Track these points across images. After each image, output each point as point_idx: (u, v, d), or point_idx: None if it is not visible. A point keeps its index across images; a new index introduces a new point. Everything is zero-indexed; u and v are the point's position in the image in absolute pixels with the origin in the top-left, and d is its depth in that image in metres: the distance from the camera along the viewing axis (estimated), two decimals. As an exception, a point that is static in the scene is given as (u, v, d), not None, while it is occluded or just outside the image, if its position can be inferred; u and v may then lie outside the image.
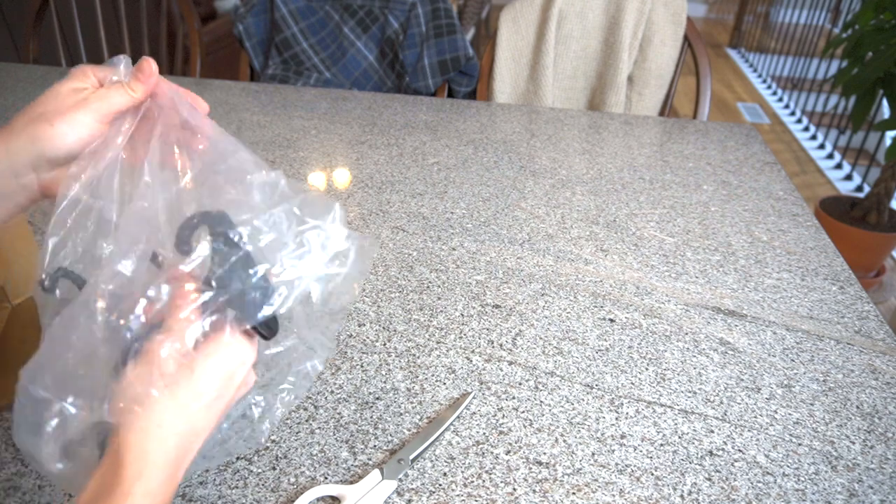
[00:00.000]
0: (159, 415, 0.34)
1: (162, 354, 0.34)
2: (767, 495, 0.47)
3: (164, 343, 0.35)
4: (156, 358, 0.34)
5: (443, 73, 1.53)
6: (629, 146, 1.05)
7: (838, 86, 1.93)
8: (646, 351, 0.61)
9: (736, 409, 0.55)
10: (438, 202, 0.86)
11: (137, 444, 0.33)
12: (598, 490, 0.48)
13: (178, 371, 0.35)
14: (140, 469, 0.33)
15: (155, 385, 0.34)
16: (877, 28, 1.80)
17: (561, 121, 1.15)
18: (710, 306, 0.67)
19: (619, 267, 0.73)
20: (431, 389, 0.56)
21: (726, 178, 0.95)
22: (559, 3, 1.35)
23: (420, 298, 0.67)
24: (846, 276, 0.73)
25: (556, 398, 0.55)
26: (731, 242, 0.79)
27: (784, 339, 0.63)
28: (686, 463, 0.50)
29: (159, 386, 0.34)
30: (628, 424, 0.53)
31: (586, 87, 1.45)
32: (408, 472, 0.48)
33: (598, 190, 0.91)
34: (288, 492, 0.47)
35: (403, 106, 1.19)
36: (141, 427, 0.34)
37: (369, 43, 1.57)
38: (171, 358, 0.35)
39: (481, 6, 3.11)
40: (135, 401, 0.34)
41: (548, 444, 0.51)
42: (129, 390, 0.34)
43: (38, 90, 1.21)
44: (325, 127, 1.08)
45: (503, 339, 0.62)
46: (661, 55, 1.37)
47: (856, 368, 0.59)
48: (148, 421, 0.34)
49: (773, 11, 4.37)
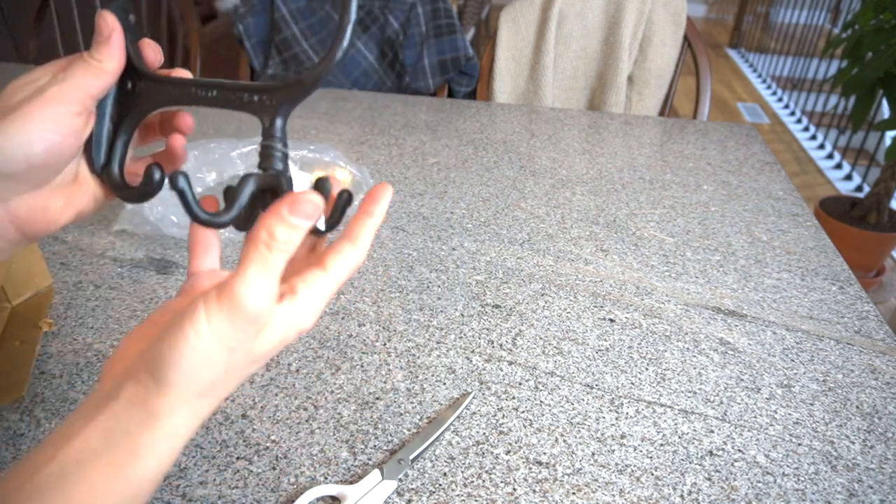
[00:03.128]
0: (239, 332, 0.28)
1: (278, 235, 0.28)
2: (767, 495, 0.47)
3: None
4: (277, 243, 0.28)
5: (443, 73, 1.53)
6: (629, 146, 1.05)
7: (838, 86, 1.93)
8: (646, 351, 0.61)
9: (736, 409, 0.55)
10: (438, 202, 0.86)
11: (187, 363, 0.27)
12: (598, 490, 0.48)
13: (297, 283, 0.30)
14: (181, 396, 0.28)
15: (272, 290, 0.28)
16: (877, 28, 1.80)
17: (561, 121, 1.15)
18: (710, 306, 0.67)
19: (619, 267, 0.73)
20: (431, 389, 0.56)
21: (726, 178, 0.95)
22: (559, 3, 1.35)
23: (420, 298, 0.67)
24: (846, 276, 0.73)
25: (556, 398, 0.55)
26: (731, 242, 0.79)
27: (784, 339, 0.63)
28: (686, 463, 0.50)
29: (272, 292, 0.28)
30: (628, 424, 0.53)
31: (586, 87, 1.45)
32: (408, 472, 0.48)
33: (598, 190, 0.91)
34: (288, 492, 0.47)
35: (403, 106, 1.19)
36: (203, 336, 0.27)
37: (369, 43, 1.57)
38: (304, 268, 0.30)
39: (481, 6, 3.11)
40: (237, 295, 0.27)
41: (548, 444, 0.51)
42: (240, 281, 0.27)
43: (38, 90, 1.22)
44: (325, 127, 1.08)
45: (503, 339, 0.62)
46: (661, 55, 1.37)
47: (856, 368, 0.59)
48: (220, 335, 0.28)
49: (773, 11, 4.37)
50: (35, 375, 0.56)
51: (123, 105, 0.36)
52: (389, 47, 1.56)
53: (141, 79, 0.36)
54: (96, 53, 0.32)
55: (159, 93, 0.35)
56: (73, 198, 0.35)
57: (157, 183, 0.34)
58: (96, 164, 0.36)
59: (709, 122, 1.16)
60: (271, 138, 0.33)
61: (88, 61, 0.32)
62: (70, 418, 0.28)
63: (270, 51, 1.57)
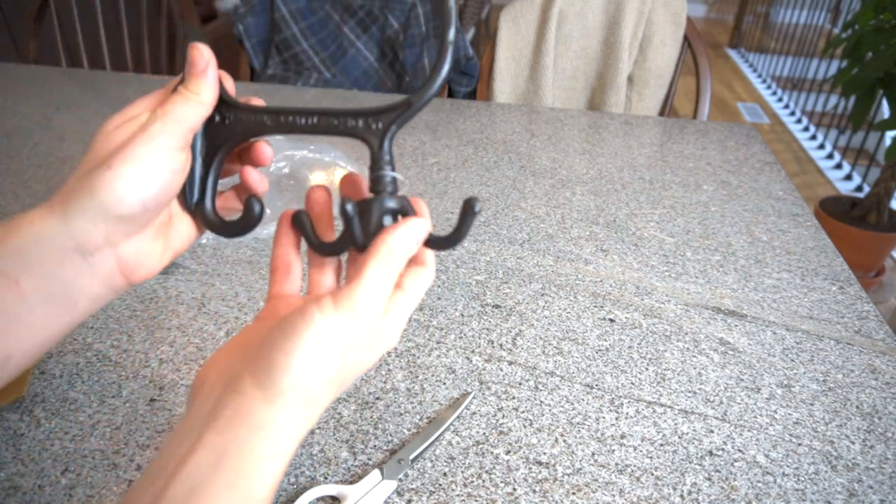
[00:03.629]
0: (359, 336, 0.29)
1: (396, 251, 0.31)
2: (767, 495, 0.47)
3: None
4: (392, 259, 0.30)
5: (443, 73, 1.53)
6: (629, 146, 1.05)
7: (838, 86, 1.93)
8: (646, 351, 0.61)
9: (736, 409, 0.55)
10: (438, 202, 0.86)
11: (300, 367, 0.27)
12: (598, 490, 0.48)
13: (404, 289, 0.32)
14: (291, 403, 0.27)
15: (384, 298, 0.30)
16: (877, 28, 1.80)
17: (561, 121, 1.15)
18: (710, 306, 0.67)
19: (619, 267, 0.73)
20: (431, 389, 0.56)
21: (726, 178, 0.95)
22: (559, 3, 1.35)
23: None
24: (846, 276, 0.73)
25: (556, 398, 0.55)
26: (731, 242, 0.79)
27: (784, 339, 0.63)
28: (686, 463, 0.50)
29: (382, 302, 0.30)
30: (628, 424, 0.53)
31: (586, 87, 1.45)
32: (408, 472, 0.48)
33: (598, 190, 0.91)
34: (288, 492, 0.47)
35: (403, 106, 1.19)
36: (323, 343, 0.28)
37: (369, 43, 1.57)
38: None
39: (481, 6, 3.11)
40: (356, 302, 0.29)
41: (548, 444, 0.51)
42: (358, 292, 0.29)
43: (38, 90, 1.22)
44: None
45: (503, 339, 0.62)
46: (661, 55, 1.37)
47: (856, 368, 0.59)
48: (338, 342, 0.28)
49: (773, 11, 4.37)
50: (35, 375, 0.56)
51: (211, 138, 0.34)
52: (389, 47, 1.56)
53: (230, 110, 0.34)
54: (193, 86, 0.32)
55: (252, 123, 0.34)
56: (169, 238, 0.34)
57: (257, 216, 0.34)
58: (189, 201, 0.35)
59: (709, 122, 1.16)
60: (382, 162, 0.33)
61: (186, 95, 0.32)
62: (171, 444, 0.28)
63: (270, 51, 1.57)
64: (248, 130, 0.34)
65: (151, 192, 0.30)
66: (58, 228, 0.29)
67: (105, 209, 0.29)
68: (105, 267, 0.31)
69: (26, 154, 0.97)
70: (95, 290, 0.31)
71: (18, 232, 0.29)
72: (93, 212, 0.29)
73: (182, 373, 0.57)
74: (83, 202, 0.29)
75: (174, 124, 0.31)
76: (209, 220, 0.35)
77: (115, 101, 1.16)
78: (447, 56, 0.31)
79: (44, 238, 0.29)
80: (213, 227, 0.35)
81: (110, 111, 0.31)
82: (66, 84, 1.25)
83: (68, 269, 0.30)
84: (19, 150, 0.98)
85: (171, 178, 0.31)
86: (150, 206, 0.30)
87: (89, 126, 1.06)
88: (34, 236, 0.29)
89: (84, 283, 0.30)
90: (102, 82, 1.26)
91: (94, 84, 1.25)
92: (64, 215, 0.29)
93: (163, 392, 0.54)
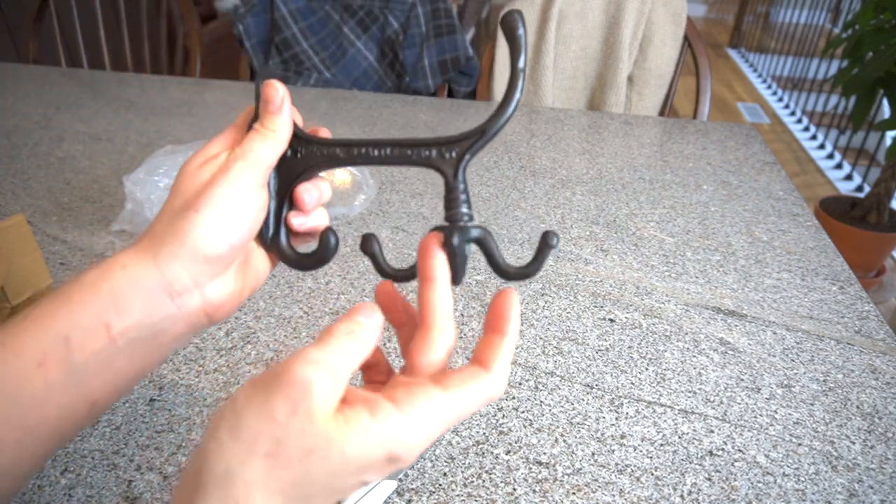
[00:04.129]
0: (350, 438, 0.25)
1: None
2: (767, 495, 0.47)
3: None
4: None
5: (443, 73, 1.53)
6: (629, 146, 1.05)
7: (838, 86, 1.93)
8: (646, 351, 0.61)
9: (736, 409, 0.55)
10: (438, 202, 0.86)
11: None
12: (598, 490, 0.48)
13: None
14: None
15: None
16: (877, 28, 1.80)
17: (561, 121, 1.15)
18: (710, 306, 0.67)
19: (619, 267, 0.73)
20: (431, 389, 0.56)
21: (726, 178, 0.95)
22: (559, 3, 1.35)
23: (420, 298, 0.67)
24: (846, 276, 0.73)
25: (556, 398, 0.55)
26: (731, 242, 0.79)
27: (784, 339, 0.63)
28: (686, 463, 0.50)
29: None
30: (628, 424, 0.53)
31: (586, 87, 1.45)
32: (408, 472, 0.48)
33: (598, 190, 0.91)
34: (288, 492, 0.47)
35: (403, 106, 1.19)
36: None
37: (369, 43, 1.57)
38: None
39: (481, 6, 3.11)
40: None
41: (548, 444, 0.51)
42: None
43: (38, 90, 1.22)
44: (326, 127, 1.08)
45: (503, 339, 0.62)
46: (661, 55, 1.37)
47: (856, 368, 0.59)
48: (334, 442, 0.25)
49: (773, 11, 4.37)
50: (35, 375, 0.56)
51: (284, 172, 0.34)
52: (389, 47, 1.56)
53: (301, 143, 0.34)
54: (269, 123, 0.32)
55: (324, 156, 0.34)
56: (247, 275, 0.34)
57: (333, 248, 0.34)
58: (265, 236, 0.34)
59: (709, 122, 1.16)
60: (457, 191, 0.33)
61: (263, 133, 0.32)
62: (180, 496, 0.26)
63: (270, 51, 1.57)
64: (321, 163, 0.34)
65: (238, 231, 0.31)
66: (149, 272, 0.29)
67: (194, 252, 0.30)
68: (191, 307, 0.31)
69: (26, 154, 0.97)
70: (180, 330, 0.31)
71: (110, 276, 0.29)
72: (183, 255, 0.30)
73: (182, 373, 0.57)
74: (174, 247, 0.29)
75: (254, 163, 0.31)
76: (285, 255, 0.35)
77: (115, 101, 1.16)
78: (518, 83, 0.31)
79: (136, 282, 0.29)
80: (288, 261, 0.35)
81: (110, 111, 0.31)
82: (66, 84, 1.25)
83: (157, 313, 0.30)
84: (19, 150, 0.98)
85: (255, 216, 0.32)
86: (237, 245, 0.31)
87: (89, 126, 1.06)
88: (126, 280, 0.29)
89: (171, 325, 0.30)
90: (102, 82, 1.26)
91: (93, 84, 1.25)
92: (154, 259, 0.30)
93: (162, 392, 0.54)
